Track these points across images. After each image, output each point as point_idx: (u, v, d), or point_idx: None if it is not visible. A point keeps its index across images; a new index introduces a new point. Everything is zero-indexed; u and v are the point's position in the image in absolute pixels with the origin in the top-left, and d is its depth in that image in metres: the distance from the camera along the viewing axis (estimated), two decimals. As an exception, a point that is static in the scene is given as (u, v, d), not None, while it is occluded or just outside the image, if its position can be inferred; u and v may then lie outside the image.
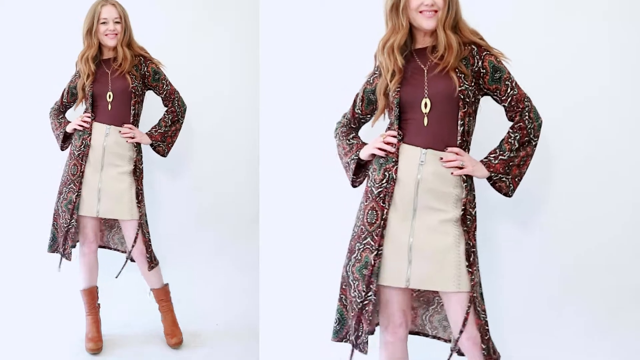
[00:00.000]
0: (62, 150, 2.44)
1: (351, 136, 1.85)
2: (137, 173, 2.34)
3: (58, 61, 2.73)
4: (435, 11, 1.60)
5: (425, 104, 1.62)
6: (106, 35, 2.26)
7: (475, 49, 1.64)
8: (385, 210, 1.63)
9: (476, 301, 1.59)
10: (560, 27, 2.18)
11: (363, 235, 1.66)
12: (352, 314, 1.68)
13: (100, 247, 2.51)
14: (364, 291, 1.63)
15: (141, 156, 2.36)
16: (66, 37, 2.71)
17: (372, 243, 1.63)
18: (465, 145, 1.66)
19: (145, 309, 2.53)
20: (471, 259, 1.60)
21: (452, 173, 1.61)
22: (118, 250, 2.53)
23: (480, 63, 1.64)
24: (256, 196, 2.36)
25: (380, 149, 1.67)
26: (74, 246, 2.38)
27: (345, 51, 2.28)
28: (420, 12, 1.61)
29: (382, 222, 1.63)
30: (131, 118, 2.35)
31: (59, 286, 2.69)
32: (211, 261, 2.80)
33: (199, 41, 2.79)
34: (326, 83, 2.30)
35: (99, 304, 2.45)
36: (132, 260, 2.43)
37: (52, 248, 2.42)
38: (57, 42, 2.74)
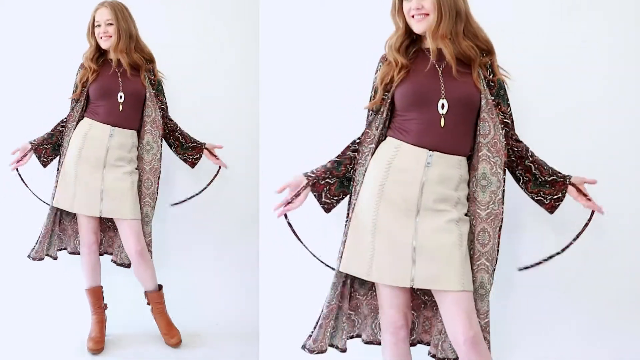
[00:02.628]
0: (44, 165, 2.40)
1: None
2: (139, 173, 2.35)
3: (58, 61, 2.73)
4: (426, 14, 1.59)
5: (442, 105, 1.62)
6: (100, 37, 2.29)
7: (490, 62, 1.66)
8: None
9: (477, 300, 1.60)
10: (560, 27, 2.19)
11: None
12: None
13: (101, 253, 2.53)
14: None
15: (157, 156, 2.38)
16: (67, 38, 2.72)
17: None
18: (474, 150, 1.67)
19: (145, 309, 2.53)
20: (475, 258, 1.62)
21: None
22: (114, 262, 2.53)
23: (491, 76, 1.66)
24: (256, 196, 2.36)
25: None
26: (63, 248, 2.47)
27: (346, 50, 2.27)
28: (412, 16, 1.62)
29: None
30: (139, 122, 2.37)
31: (62, 285, 2.70)
32: (211, 261, 2.80)
33: (197, 39, 2.79)
34: (327, 82, 2.29)
35: (105, 304, 2.45)
36: (127, 266, 2.44)
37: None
38: (57, 42, 2.74)
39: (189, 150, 2.49)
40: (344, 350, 1.82)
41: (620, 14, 2.16)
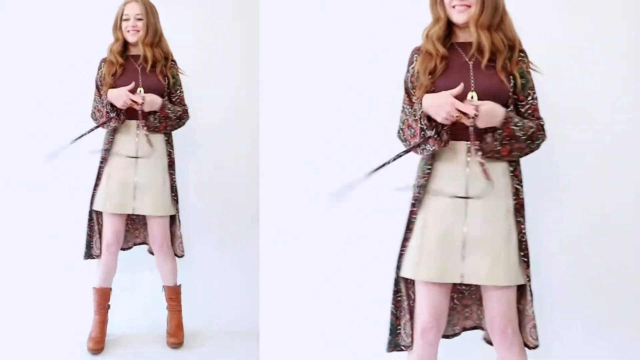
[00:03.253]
0: (121, 123, 2.29)
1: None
2: (171, 167, 2.35)
3: (59, 62, 2.73)
4: (468, 6, 1.59)
5: (472, 97, 1.61)
6: (128, 31, 2.30)
7: (510, 56, 1.64)
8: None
9: (527, 292, 1.62)
10: (563, 27, 2.18)
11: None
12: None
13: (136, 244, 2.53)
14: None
15: (173, 149, 2.37)
16: (68, 37, 2.72)
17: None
18: None
19: (145, 309, 2.54)
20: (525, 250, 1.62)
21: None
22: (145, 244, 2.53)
23: (510, 68, 1.64)
24: (256, 196, 2.36)
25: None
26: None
27: (346, 49, 2.27)
28: (453, 6, 1.61)
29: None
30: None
31: (62, 285, 2.70)
32: (211, 261, 2.80)
33: (197, 39, 2.79)
34: (327, 82, 2.29)
35: (109, 305, 2.45)
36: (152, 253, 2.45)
37: (88, 254, 2.39)
38: (57, 42, 2.74)
39: None
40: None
41: (622, 13, 2.16)
